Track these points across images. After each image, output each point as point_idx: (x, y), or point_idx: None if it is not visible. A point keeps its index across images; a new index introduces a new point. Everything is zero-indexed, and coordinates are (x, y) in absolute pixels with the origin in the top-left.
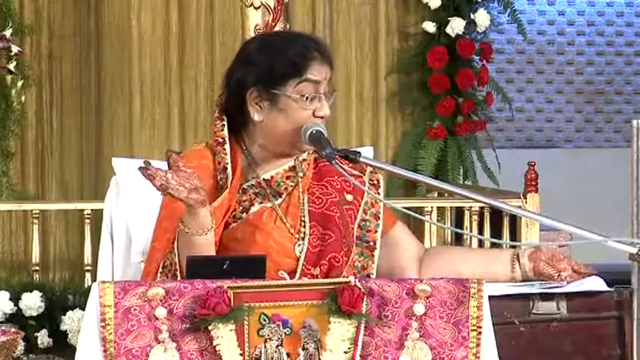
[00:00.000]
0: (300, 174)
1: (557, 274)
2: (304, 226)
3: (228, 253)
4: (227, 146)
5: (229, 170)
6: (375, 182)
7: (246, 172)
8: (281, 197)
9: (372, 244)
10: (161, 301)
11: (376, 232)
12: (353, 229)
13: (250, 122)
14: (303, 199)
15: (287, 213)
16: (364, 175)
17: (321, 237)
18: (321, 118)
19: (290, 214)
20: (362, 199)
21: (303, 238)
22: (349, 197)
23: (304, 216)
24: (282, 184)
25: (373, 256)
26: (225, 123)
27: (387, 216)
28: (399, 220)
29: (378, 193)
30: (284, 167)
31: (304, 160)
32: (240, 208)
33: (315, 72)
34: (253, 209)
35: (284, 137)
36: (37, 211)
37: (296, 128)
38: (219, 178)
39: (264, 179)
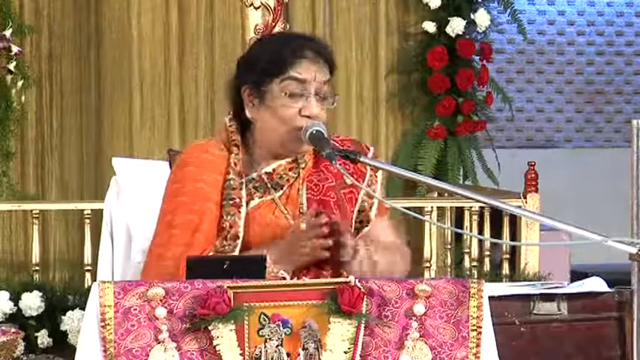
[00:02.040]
0: (302, 165)
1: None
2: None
3: None
4: (240, 152)
5: (244, 183)
6: (373, 175)
7: (249, 167)
8: (282, 189)
9: (365, 223)
10: (161, 301)
11: (370, 209)
12: (352, 212)
13: (251, 121)
14: (302, 188)
15: (287, 204)
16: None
17: None
18: (308, 117)
19: (290, 204)
20: (362, 182)
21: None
22: (348, 180)
23: (302, 204)
24: (284, 176)
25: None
26: (234, 124)
27: (377, 207)
28: (385, 215)
29: (376, 180)
30: (287, 160)
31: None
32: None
33: (301, 70)
34: (253, 203)
35: (275, 137)
36: (37, 211)
37: (284, 128)
38: (230, 177)
39: (265, 172)
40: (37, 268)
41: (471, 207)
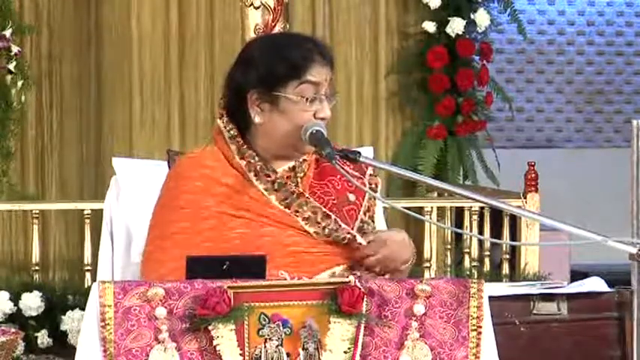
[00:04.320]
0: (300, 174)
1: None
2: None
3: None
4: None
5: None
6: (373, 186)
7: None
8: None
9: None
10: (161, 301)
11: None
12: (352, 228)
13: (252, 124)
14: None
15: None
16: (364, 177)
17: None
18: (322, 119)
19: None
20: (363, 199)
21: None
22: (352, 197)
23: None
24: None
25: None
26: (232, 126)
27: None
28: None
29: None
30: (284, 168)
31: (304, 160)
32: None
33: (315, 73)
34: None
35: (285, 139)
36: (37, 211)
37: (297, 130)
38: (264, 186)
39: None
40: (37, 268)
41: (471, 207)
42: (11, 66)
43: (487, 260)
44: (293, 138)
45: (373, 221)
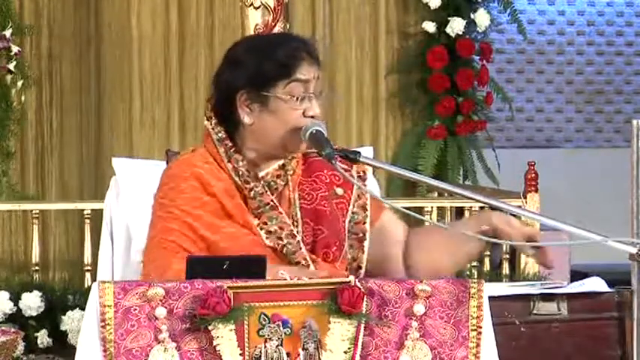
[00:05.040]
0: (290, 172)
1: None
2: (297, 225)
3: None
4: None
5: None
6: (362, 174)
7: None
8: (272, 196)
9: (360, 235)
10: (161, 301)
11: (364, 223)
12: (344, 222)
13: (241, 125)
14: (294, 196)
15: None
16: (352, 168)
17: (313, 233)
18: (312, 117)
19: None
20: (352, 192)
21: (294, 237)
22: (339, 191)
23: (296, 214)
24: (272, 183)
25: (363, 247)
26: (220, 128)
27: (374, 205)
28: (386, 207)
29: (365, 185)
30: (274, 166)
31: (293, 157)
32: None
33: (304, 72)
34: None
35: (275, 139)
36: (37, 211)
37: (287, 129)
38: (253, 185)
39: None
40: (37, 268)
41: (471, 207)
42: (11, 66)
43: (487, 260)
44: (283, 137)
45: (365, 210)
